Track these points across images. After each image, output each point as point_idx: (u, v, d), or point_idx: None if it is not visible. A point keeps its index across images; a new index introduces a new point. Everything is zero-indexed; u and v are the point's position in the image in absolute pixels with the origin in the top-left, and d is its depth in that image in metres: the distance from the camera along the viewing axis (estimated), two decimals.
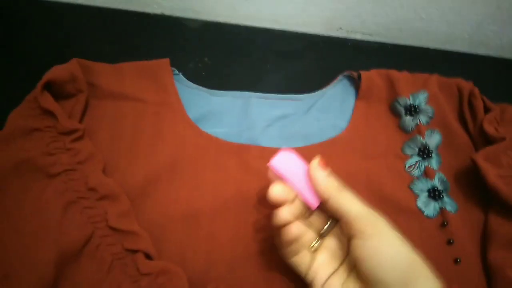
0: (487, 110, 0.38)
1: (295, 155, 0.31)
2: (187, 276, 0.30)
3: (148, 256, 0.31)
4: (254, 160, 0.37)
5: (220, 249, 0.33)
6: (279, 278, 0.32)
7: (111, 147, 0.37)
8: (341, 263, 0.28)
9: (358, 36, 0.48)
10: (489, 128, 0.37)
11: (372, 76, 0.41)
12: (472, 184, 0.36)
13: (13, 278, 0.28)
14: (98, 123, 0.38)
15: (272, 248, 0.33)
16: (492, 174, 0.34)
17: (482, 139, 0.38)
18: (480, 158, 0.35)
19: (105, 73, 0.40)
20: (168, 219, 0.34)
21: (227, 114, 0.40)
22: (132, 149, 0.37)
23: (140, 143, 0.37)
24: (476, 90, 0.39)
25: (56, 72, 0.36)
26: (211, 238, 0.33)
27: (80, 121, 0.37)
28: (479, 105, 0.39)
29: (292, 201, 0.29)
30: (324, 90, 0.42)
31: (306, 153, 0.37)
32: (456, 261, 0.33)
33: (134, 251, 0.31)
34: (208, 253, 0.33)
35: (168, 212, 0.34)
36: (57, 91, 0.36)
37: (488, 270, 0.33)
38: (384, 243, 0.26)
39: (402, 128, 0.39)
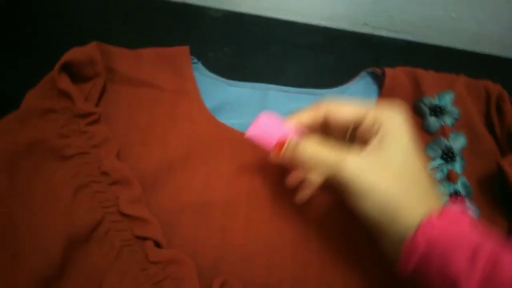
0: None
1: (269, 120, 0.31)
2: (196, 267, 0.29)
3: (157, 245, 0.30)
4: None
5: (231, 242, 0.32)
6: (291, 272, 0.31)
7: (126, 133, 0.36)
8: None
9: (383, 33, 0.47)
10: None
11: (397, 74, 0.39)
12: (496, 190, 0.35)
13: (21, 258, 0.28)
14: (114, 108, 0.37)
15: (283, 243, 0.32)
16: None
17: (510, 145, 0.36)
18: (507, 164, 0.33)
19: (124, 58, 0.39)
20: (180, 209, 0.33)
21: (244, 106, 0.39)
22: (147, 136, 0.36)
23: (155, 130, 0.36)
24: (505, 94, 0.38)
25: (75, 53, 0.35)
26: (223, 230, 0.32)
27: (97, 105, 0.37)
28: (507, 109, 0.37)
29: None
30: (345, 86, 0.41)
31: None
32: None
33: (144, 239, 0.30)
34: (219, 246, 0.32)
35: (180, 201, 0.33)
36: (74, 73, 0.36)
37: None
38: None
39: (426, 129, 0.37)
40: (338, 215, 0.34)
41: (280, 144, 0.30)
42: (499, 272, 0.22)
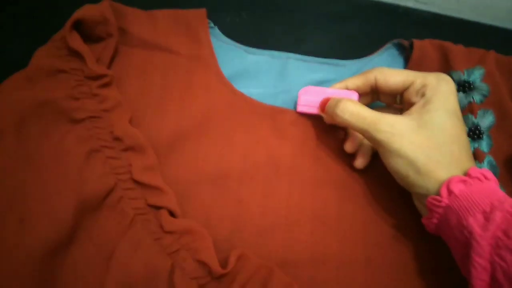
0: None
1: (313, 89, 0.34)
2: (212, 239, 0.28)
3: (172, 214, 0.29)
4: (289, 125, 0.34)
5: (247, 214, 0.31)
6: (309, 249, 0.30)
7: (138, 98, 0.34)
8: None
9: (410, 4, 0.44)
10: None
11: (425, 46, 0.37)
12: None
13: (29, 223, 0.26)
14: (126, 71, 0.35)
15: (302, 219, 0.31)
16: None
17: None
18: None
19: (138, 19, 0.37)
20: (195, 179, 0.32)
21: (263, 74, 0.37)
22: (160, 102, 0.34)
23: (170, 96, 0.35)
24: None
25: (87, 11, 0.33)
26: (239, 202, 0.31)
27: (108, 67, 0.35)
28: None
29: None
30: (369, 57, 0.39)
31: None
32: None
33: (158, 208, 0.29)
34: (234, 218, 0.31)
35: (195, 172, 0.32)
36: (86, 32, 0.34)
37: None
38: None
39: None
40: (360, 192, 0.32)
41: (324, 103, 0.33)
42: None
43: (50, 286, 0.26)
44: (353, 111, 0.30)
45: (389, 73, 0.31)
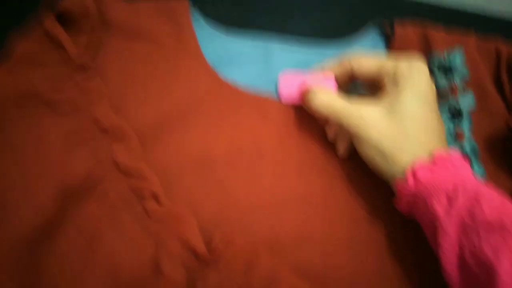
0: None
1: (292, 75, 0.35)
2: (197, 222, 0.29)
3: (156, 200, 0.29)
4: (273, 111, 0.34)
5: (232, 199, 0.31)
6: (293, 231, 0.31)
7: (121, 88, 0.34)
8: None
9: None
10: None
11: (406, 28, 0.38)
12: (503, 151, 0.34)
13: (12, 210, 0.26)
14: (108, 62, 0.35)
15: (287, 199, 0.32)
16: None
17: None
18: None
19: (120, 10, 0.37)
20: (179, 165, 0.32)
21: (246, 60, 0.37)
22: (144, 91, 0.34)
23: (153, 84, 0.35)
24: None
25: (70, 3, 0.33)
26: (224, 187, 0.31)
27: (92, 58, 0.35)
28: None
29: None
30: (352, 40, 0.39)
31: None
32: None
33: (143, 194, 0.30)
34: (219, 202, 0.31)
35: (180, 157, 0.32)
36: (67, 25, 0.34)
37: None
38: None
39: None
40: (344, 175, 0.33)
41: (302, 94, 0.33)
42: (479, 208, 0.24)
43: (34, 274, 0.26)
44: (326, 103, 0.31)
45: (363, 60, 0.32)
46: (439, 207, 0.25)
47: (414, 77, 0.29)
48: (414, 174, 0.27)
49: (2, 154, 0.28)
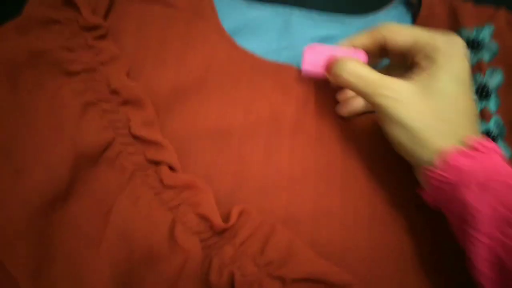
0: None
1: (319, 47, 0.32)
2: (213, 196, 0.28)
3: (172, 170, 0.28)
4: (292, 82, 0.33)
5: (248, 171, 0.30)
6: (312, 204, 0.30)
7: (136, 52, 0.33)
8: None
9: None
10: None
11: (434, 3, 0.36)
12: None
13: (25, 174, 0.26)
14: (123, 24, 0.34)
15: (305, 174, 0.30)
16: None
17: None
18: None
19: None
20: (195, 136, 0.31)
21: (265, 30, 0.36)
22: (159, 57, 0.33)
23: (168, 51, 0.33)
24: None
25: None
26: (241, 159, 0.30)
27: (104, 19, 0.33)
28: None
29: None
30: (376, 14, 0.37)
31: None
32: None
33: (158, 163, 0.29)
34: (236, 175, 0.30)
35: (196, 128, 0.31)
36: None
37: None
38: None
39: None
40: (364, 150, 0.32)
41: (329, 62, 0.30)
42: None
43: (47, 239, 0.25)
44: (355, 71, 0.28)
45: (398, 30, 0.29)
46: (472, 196, 0.23)
47: (453, 55, 0.27)
48: (447, 160, 0.25)
49: (15, 116, 0.27)
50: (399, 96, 0.26)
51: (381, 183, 0.31)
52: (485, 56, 0.34)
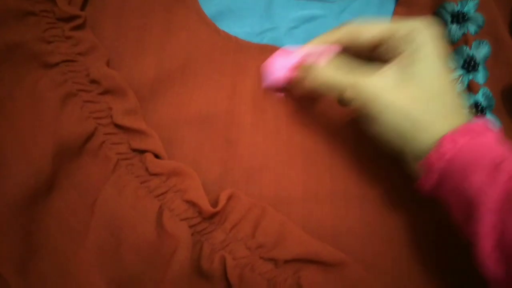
0: None
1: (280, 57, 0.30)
2: (201, 182, 0.27)
3: (157, 158, 0.28)
4: None
5: (236, 155, 0.30)
6: (301, 186, 0.29)
7: (116, 41, 0.32)
8: None
9: None
10: None
11: None
12: None
13: (6, 168, 0.25)
14: (101, 14, 0.33)
15: (293, 156, 0.30)
16: None
17: None
18: None
19: None
20: (180, 123, 0.30)
21: (247, 13, 0.35)
22: (139, 45, 0.32)
23: (149, 39, 0.33)
24: None
25: None
26: (227, 143, 0.30)
27: (82, 9, 0.33)
28: None
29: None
30: None
31: None
32: None
33: (142, 152, 0.28)
34: (224, 160, 0.29)
35: (180, 115, 0.31)
36: None
37: None
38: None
39: (447, 38, 0.34)
40: (351, 129, 0.31)
41: (294, 70, 0.29)
42: None
43: (32, 234, 0.25)
44: (326, 79, 0.27)
45: (366, 25, 0.28)
46: (480, 179, 0.22)
47: (427, 44, 0.25)
48: (445, 147, 0.23)
49: None
50: (381, 89, 0.25)
51: (370, 162, 0.30)
52: (471, 28, 0.34)
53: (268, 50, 0.33)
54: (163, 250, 0.25)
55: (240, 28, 0.34)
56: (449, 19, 0.34)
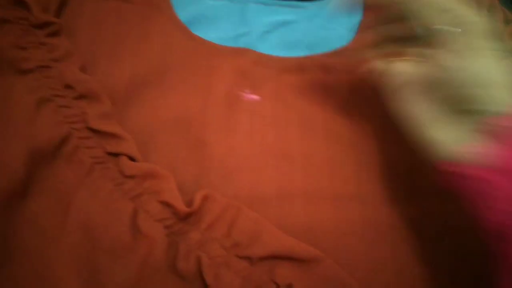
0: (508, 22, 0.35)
1: None
2: (177, 184, 0.27)
3: (132, 160, 0.28)
4: (250, 66, 0.33)
5: (211, 156, 0.30)
6: (273, 184, 0.30)
7: (90, 48, 0.33)
8: None
9: None
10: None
11: None
12: None
13: None
14: (77, 21, 0.33)
15: (266, 156, 0.30)
16: None
17: None
18: None
19: None
20: (156, 126, 0.31)
21: (221, 19, 0.36)
22: (115, 51, 0.33)
23: (124, 45, 0.33)
24: (496, 1, 0.36)
25: None
26: (202, 145, 0.30)
27: (57, 16, 0.33)
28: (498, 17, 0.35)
29: None
30: None
31: (309, 63, 0.34)
32: None
33: (117, 155, 0.28)
34: (199, 162, 0.30)
35: (156, 119, 0.31)
36: None
37: None
38: None
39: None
40: (322, 129, 0.32)
41: None
42: None
43: (6, 238, 0.25)
44: None
45: None
46: None
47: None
48: None
49: None
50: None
51: (342, 161, 0.31)
52: None
53: (242, 52, 0.34)
54: (139, 252, 0.25)
55: (214, 33, 0.35)
56: None
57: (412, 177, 0.30)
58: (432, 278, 0.28)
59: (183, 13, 0.35)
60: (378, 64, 0.28)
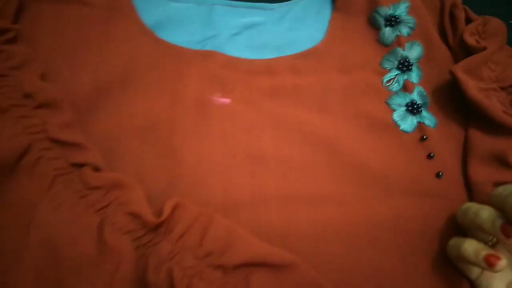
0: (469, 22, 0.36)
1: None
2: (147, 194, 0.26)
3: (96, 170, 0.27)
4: (219, 69, 0.32)
5: (182, 164, 0.29)
6: (247, 190, 0.29)
7: (51, 55, 0.31)
8: None
9: None
10: (470, 40, 0.34)
11: None
12: (452, 98, 0.34)
13: None
14: (36, 27, 0.32)
15: (239, 161, 0.30)
16: (471, 86, 0.32)
17: (463, 52, 0.35)
18: (459, 70, 0.32)
19: None
20: (122, 134, 0.30)
21: (188, 22, 0.35)
22: (77, 58, 0.31)
23: (87, 51, 0.32)
24: (459, 0, 0.37)
25: None
26: (172, 152, 0.29)
27: (14, 23, 0.31)
28: (460, 16, 0.36)
29: None
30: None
31: (279, 65, 0.34)
32: (438, 175, 0.31)
33: (81, 165, 0.27)
34: (168, 169, 0.29)
35: (122, 125, 0.30)
36: None
37: (469, 185, 0.31)
38: None
39: (381, 41, 0.36)
40: (295, 132, 0.32)
41: None
42: None
43: None
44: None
45: None
46: None
47: None
48: None
49: None
50: None
51: (315, 164, 0.31)
52: (403, 30, 0.36)
53: (210, 55, 0.33)
54: (106, 266, 0.24)
55: (181, 37, 0.34)
56: (382, 22, 0.36)
57: (388, 177, 0.31)
58: (410, 278, 0.28)
59: (148, 17, 0.34)
60: None
